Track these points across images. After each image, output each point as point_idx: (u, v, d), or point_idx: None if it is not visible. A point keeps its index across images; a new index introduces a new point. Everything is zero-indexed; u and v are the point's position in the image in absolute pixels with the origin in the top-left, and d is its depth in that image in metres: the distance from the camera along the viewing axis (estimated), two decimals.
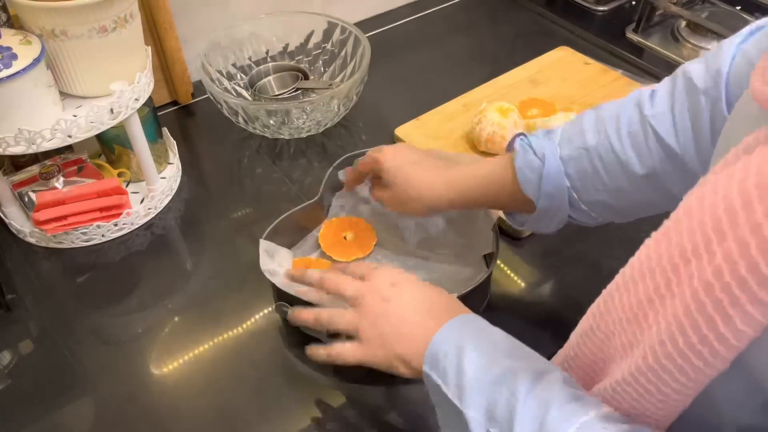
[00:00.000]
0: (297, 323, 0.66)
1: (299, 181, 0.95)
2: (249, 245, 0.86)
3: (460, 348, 0.52)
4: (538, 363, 0.51)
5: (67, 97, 0.80)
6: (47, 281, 0.83)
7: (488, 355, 0.51)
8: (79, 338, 0.76)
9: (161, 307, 0.79)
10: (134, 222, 0.87)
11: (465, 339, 0.53)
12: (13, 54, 0.70)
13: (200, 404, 0.70)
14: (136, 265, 0.84)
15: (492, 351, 0.52)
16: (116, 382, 0.72)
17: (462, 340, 0.53)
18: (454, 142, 0.97)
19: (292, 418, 0.68)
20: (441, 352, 0.53)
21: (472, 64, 1.16)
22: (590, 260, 0.60)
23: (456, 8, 1.30)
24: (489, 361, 0.50)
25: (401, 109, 1.03)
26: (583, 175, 0.62)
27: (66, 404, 0.70)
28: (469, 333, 0.54)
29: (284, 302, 0.72)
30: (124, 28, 0.75)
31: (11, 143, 0.73)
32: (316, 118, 0.98)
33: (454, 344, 0.53)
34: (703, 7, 1.21)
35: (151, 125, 0.90)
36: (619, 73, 1.08)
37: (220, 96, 0.94)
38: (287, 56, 1.10)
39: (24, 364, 0.74)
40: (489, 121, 0.91)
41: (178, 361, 0.74)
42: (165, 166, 0.95)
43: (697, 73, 0.56)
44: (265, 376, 0.72)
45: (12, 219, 0.85)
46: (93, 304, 0.80)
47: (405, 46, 1.20)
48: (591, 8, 1.27)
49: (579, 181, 0.62)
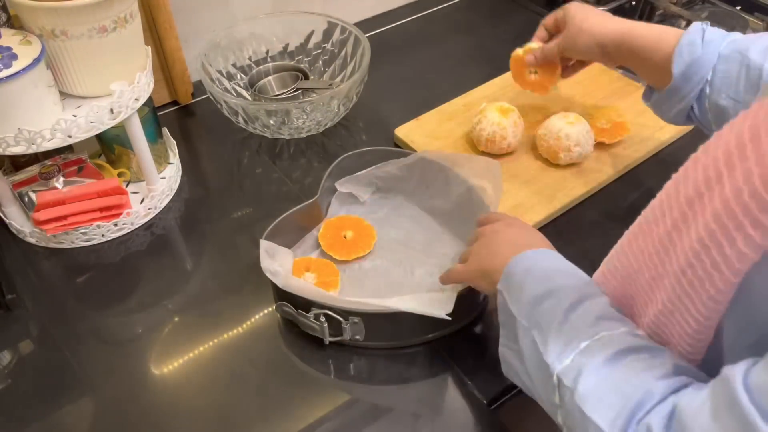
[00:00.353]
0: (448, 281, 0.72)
1: (299, 181, 0.95)
2: (249, 245, 0.86)
3: (527, 269, 0.59)
4: (590, 288, 0.56)
5: (67, 97, 0.80)
6: (47, 281, 0.83)
7: (548, 277, 0.57)
8: (79, 338, 0.76)
9: (161, 307, 0.79)
10: (134, 222, 0.87)
11: (535, 263, 0.60)
12: (13, 54, 0.70)
13: (200, 404, 0.70)
14: (136, 265, 0.84)
15: (552, 273, 0.58)
16: (116, 382, 0.72)
17: (532, 264, 0.59)
18: (454, 142, 0.97)
19: (292, 418, 0.68)
20: (514, 271, 0.59)
21: (472, 64, 1.16)
22: (590, 260, 0.60)
23: (456, 8, 1.30)
24: (546, 279, 0.57)
25: (401, 109, 1.03)
26: (726, 76, 0.68)
27: (66, 404, 0.70)
28: (539, 260, 0.60)
29: (285, 302, 0.72)
30: (124, 28, 0.75)
31: (11, 143, 0.73)
32: (316, 118, 0.98)
33: (524, 266, 0.59)
34: (703, 7, 1.21)
35: (151, 125, 0.90)
36: (619, 73, 1.08)
37: (220, 96, 0.94)
38: (287, 56, 1.10)
39: (24, 364, 0.74)
40: (489, 121, 0.91)
41: (178, 361, 0.74)
42: (165, 166, 0.95)
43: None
44: (264, 376, 0.72)
45: (12, 219, 0.85)
46: (93, 304, 0.80)
47: (405, 46, 1.20)
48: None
49: (720, 80, 0.68)
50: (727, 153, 0.38)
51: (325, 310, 0.69)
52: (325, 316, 0.69)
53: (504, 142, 0.91)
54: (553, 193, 0.89)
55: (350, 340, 0.71)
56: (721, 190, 0.38)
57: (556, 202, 0.87)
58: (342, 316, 0.69)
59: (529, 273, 0.58)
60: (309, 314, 0.70)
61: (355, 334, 0.71)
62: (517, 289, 0.58)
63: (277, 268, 0.71)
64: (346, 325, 0.69)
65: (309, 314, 0.70)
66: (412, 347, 0.73)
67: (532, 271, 0.59)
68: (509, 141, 0.92)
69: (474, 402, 0.69)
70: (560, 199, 0.88)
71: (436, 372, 0.72)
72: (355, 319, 0.69)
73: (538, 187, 0.89)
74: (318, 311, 0.69)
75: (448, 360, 0.72)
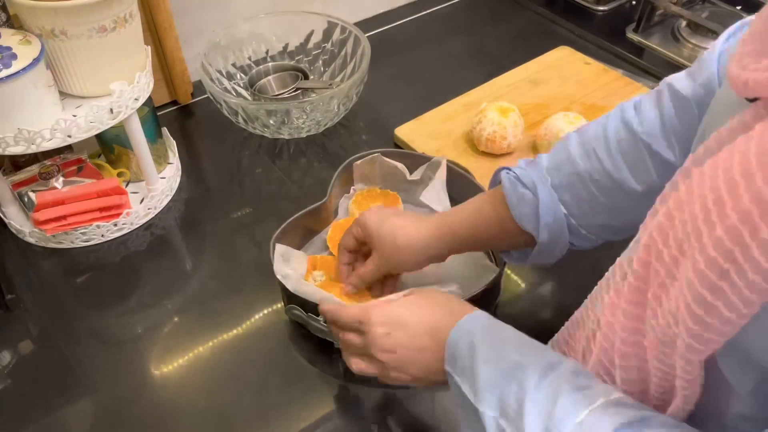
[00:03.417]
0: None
1: (299, 181, 0.95)
2: (249, 245, 0.86)
3: (472, 346, 0.52)
4: (547, 356, 0.50)
5: (67, 97, 0.79)
6: (47, 281, 0.83)
7: (498, 352, 0.51)
8: (79, 338, 0.76)
9: (161, 307, 0.79)
10: (134, 222, 0.87)
11: (476, 337, 0.53)
12: (12, 54, 0.70)
13: (200, 404, 0.70)
14: (136, 265, 0.84)
15: (502, 347, 0.52)
16: (116, 382, 0.72)
17: (473, 339, 0.53)
18: (454, 142, 0.97)
19: (292, 418, 0.68)
20: (458, 352, 0.53)
21: (472, 64, 1.16)
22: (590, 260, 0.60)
23: (456, 8, 1.30)
24: (499, 358, 0.50)
25: (401, 109, 1.03)
26: (579, 200, 0.61)
27: (66, 404, 0.70)
28: (478, 331, 0.54)
29: (295, 305, 0.71)
30: (123, 28, 0.75)
31: (11, 143, 0.73)
32: (316, 118, 0.98)
33: (466, 344, 0.53)
34: (703, 7, 1.20)
35: (151, 125, 0.90)
36: (619, 73, 1.08)
37: (220, 96, 0.94)
38: (287, 56, 1.10)
39: (24, 364, 0.74)
40: (489, 121, 0.91)
41: (178, 361, 0.73)
42: (165, 166, 0.95)
43: (682, 84, 0.55)
44: (265, 376, 0.72)
45: (12, 219, 0.85)
46: (93, 304, 0.80)
47: (405, 46, 1.20)
48: (591, 8, 1.27)
49: (576, 207, 0.61)
50: (715, 191, 0.35)
51: None
52: None
53: (504, 142, 0.91)
54: None
55: None
56: (710, 232, 0.35)
57: None
58: None
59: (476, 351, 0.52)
60: (319, 317, 0.70)
61: None
62: (469, 373, 0.51)
63: (288, 272, 0.71)
64: None
65: (319, 317, 0.70)
66: None
67: (477, 350, 0.52)
68: (509, 141, 0.92)
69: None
70: None
71: None
72: None
73: None
74: None
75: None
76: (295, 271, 0.72)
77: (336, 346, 0.71)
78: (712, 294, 0.34)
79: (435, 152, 0.93)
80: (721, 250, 0.34)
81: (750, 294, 0.33)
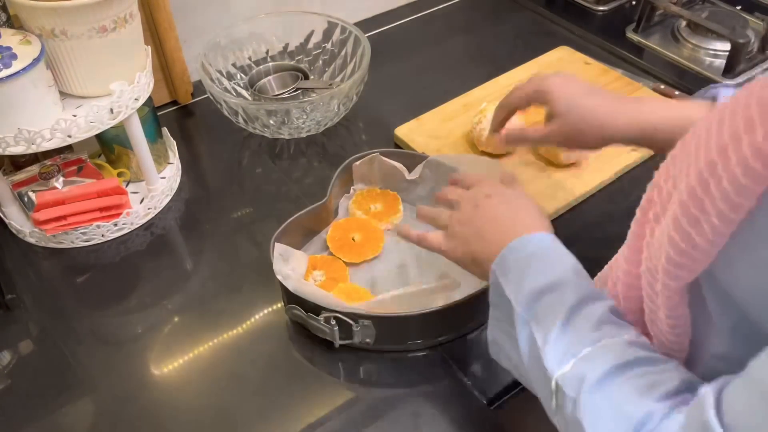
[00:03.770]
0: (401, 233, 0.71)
1: (299, 181, 0.95)
2: (249, 245, 0.86)
3: (527, 258, 0.56)
4: (591, 288, 0.53)
5: (67, 97, 0.80)
6: (47, 281, 0.83)
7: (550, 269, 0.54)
8: (79, 338, 0.76)
9: (161, 307, 0.79)
10: (134, 222, 0.87)
11: (535, 252, 0.56)
12: (12, 54, 0.70)
13: (200, 404, 0.70)
14: (136, 265, 0.84)
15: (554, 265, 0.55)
16: (116, 382, 0.72)
17: (531, 253, 0.56)
18: (454, 142, 0.97)
19: (292, 418, 0.68)
20: (511, 259, 0.56)
21: (472, 64, 1.16)
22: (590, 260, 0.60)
23: (456, 8, 1.30)
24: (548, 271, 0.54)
25: (401, 109, 1.03)
26: None
27: (66, 404, 0.70)
28: (540, 248, 0.57)
29: (295, 305, 0.71)
30: (124, 28, 0.75)
31: (11, 143, 0.73)
32: (316, 118, 0.98)
33: (524, 253, 0.56)
34: (703, 7, 1.20)
35: (151, 125, 0.90)
36: (619, 73, 1.08)
37: (220, 96, 0.94)
38: (287, 56, 1.10)
39: (24, 364, 0.74)
40: (489, 121, 0.91)
41: (178, 361, 0.74)
42: (165, 166, 0.95)
43: None
44: (265, 376, 0.72)
45: (12, 219, 0.85)
46: (93, 304, 0.80)
47: (405, 46, 1.20)
48: (591, 8, 1.27)
49: None
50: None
51: (336, 314, 0.69)
52: (336, 319, 0.69)
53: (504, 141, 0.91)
54: (553, 193, 0.88)
55: (360, 343, 0.71)
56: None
57: (556, 202, 0.87)
58: (352, 319, 0.69)
59: (529, 263, 0.55)
60: (319, 317, 0.70)
61: (365, 338, 0.70)
62: (515, 276, 0.55)
63: (288, 272, 0.71)
64: (356, 328, 0.69)
65: (319, 317, 0.70)
66: (414, 349, 0.73)
67: (532, 261, 0.55)
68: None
69: (474, 402, 0.69)
70: (560, 199, 0.88)
71: (435, 372, 0.72)
72: (365, 322, 0.69)
73: (538, 187, 0.89)
74: (328, 314, 0.69)
75: (448, 360, 0.72)
76: (295, 271, 0.72)
77: (337, 345, 0.71)
78: (689, 221, 0.39)
79: (435, 152, 0.93)
80: (700, 180, 0.38)
81: (718, 222, 0.37)
